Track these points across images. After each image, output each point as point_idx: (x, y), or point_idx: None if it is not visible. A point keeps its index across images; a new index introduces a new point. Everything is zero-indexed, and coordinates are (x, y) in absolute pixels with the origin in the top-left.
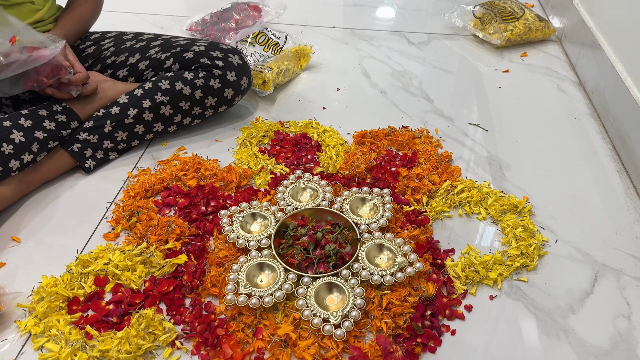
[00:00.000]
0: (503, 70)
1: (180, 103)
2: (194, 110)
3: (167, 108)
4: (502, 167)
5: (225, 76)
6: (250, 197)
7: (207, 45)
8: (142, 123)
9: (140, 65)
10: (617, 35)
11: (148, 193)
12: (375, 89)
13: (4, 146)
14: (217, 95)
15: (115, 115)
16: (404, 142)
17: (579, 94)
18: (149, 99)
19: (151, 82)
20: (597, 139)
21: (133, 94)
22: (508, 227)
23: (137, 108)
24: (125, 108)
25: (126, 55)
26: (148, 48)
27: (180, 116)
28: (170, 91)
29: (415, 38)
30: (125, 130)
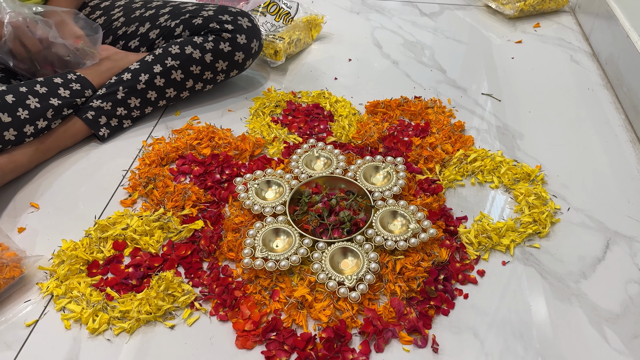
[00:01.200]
0: (516, 41)
1: (191, 67)
2: (205, 75)
3: (178, 73)
4: (515, 136)
5: (235, 39)
6: (264, 166)
7: (215, 9)
8: (154, 89)
9: (151, 34)
10: (632, 5)
11: (163, 161)
12: (387, 59)
13: (20, 111)
14: (228, 58)
15: (127, 81)
16: (417, 112)
17: (592, 64)
18: (160, 64)
19: (161, 48)
20: (611, 109)
21: (144, 60)
22: (521, 195)
23: (148, 73)
24: (137, 74)
25: (136, 25)
26: (157, 16)
27: (191, 81)
28: (180, 55)
29: (427, 8)
30: (138, 97)
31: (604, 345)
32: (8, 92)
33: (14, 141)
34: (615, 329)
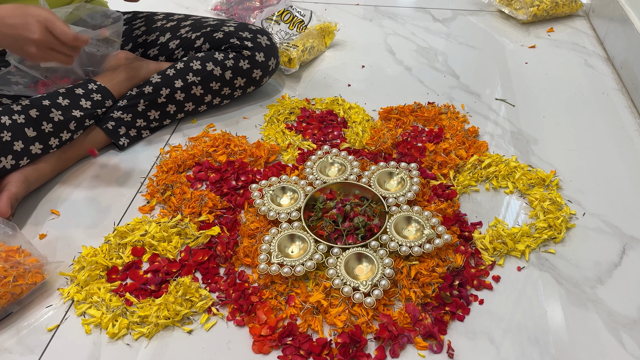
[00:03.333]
0: (529, 46)
1: (211, 83)
2: (223, 91)
3: (198, 88)
4: (529, 142)
5: (254, 57)
6: (279, 172)
7: (236, 25)
8: (174, 102)
9: (171, 44)
10: None
11: (180, 168)
12: (400, 65)
13: (44, 125)
14: (246, 75)
15: (149, 95)
16: (430, 118)
17: (607, 69)
18: (181, 79)
19: (182, 62)
20: (626, 114)
21: (165, 74)
22: (536, 200)
23: (170, 88)
24: (158, 88)
25: (157, 34)
26: (179, 27)
27: (210, 96)
28: (202, 72)
29: (440, 14)
30: (158, 110)
31: (620, 351)
32: (32, 106)
33: (40, 154)
34: (632, 334)
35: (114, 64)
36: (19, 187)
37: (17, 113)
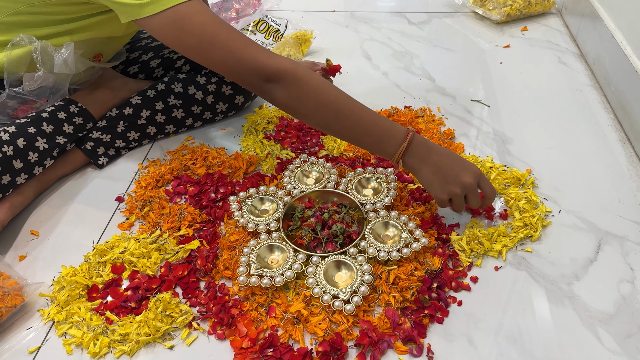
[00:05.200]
0: (504, 46)
1: (192, 107)
2: (204, 115)
3: (179, 111)
4: (505, 141)
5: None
6: (258, 183)
7: None
8: (154, 124)
9: (152, 63)
10: (615, 5)
11: (159, 183)
12: (377, 70)
13: (30, 155)
14: (229, 101)
15: (129, 116)
16: (407, 122)
17: (580, 65)
18: (162, 101)
19: (164, 83)
20: (599, 109)
21: (146, 95)
22: (511, 199)
23: (150, 110)
24: (139, 109)
25: (140, 52)
26: (162, 47)
27: (191, 120)
28: (183, 95)
29: (415, 18)
30: (138, 131)
31: (597, 346)
32: (19, 134)
33: (24, 183)
34: (609, 329)
35: (95, 81)
36: (5, 214)
37: (6, 144)
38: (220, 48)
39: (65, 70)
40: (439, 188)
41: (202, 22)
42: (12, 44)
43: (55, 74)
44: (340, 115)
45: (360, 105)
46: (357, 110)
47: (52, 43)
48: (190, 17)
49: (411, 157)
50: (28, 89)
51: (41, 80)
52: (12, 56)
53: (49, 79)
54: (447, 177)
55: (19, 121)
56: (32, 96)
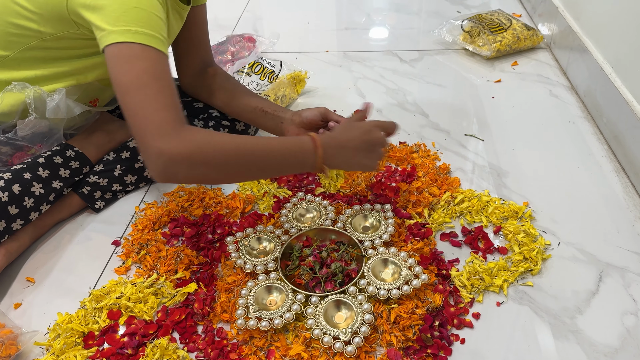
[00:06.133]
0: (495, 81)
1: None
2: None
3: None
4: (501, 175)
5: (234, 126)
6: (255, 222)
7: None
8: None
9: None
10: (602, 38)
11: (156, 225)
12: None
13: (26, 200)
14: None
15: (126, 160)
16: (402, 158)
17: (571, 97)
18: None
19: None
20: (593, 140)
21: None
22: (510, 233)
23: None
24: (136, 152)
25: None
26: None
27: None
28: None
29: (407, 56)
30: (135, 174)
31: None
32: (14, 180)
33: (20, 229)
34: None
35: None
36: (1, 261)
37: (2, 190)
38: (139, 98)
39: (57, 115)
40: (370, 161)
41: (144, 67)
42: (4, 91)
43: (48, 119)
44: (254, 161)
45: (265, 140)
46: (266, 146)
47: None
48: (136, 59)
49: (330, 156)
50: (21, 134)
51: (33, 125)
52: (4, 104)
53: (43, 124)
54: (367, 148)
55: (14, 167)
56: (26, 142)
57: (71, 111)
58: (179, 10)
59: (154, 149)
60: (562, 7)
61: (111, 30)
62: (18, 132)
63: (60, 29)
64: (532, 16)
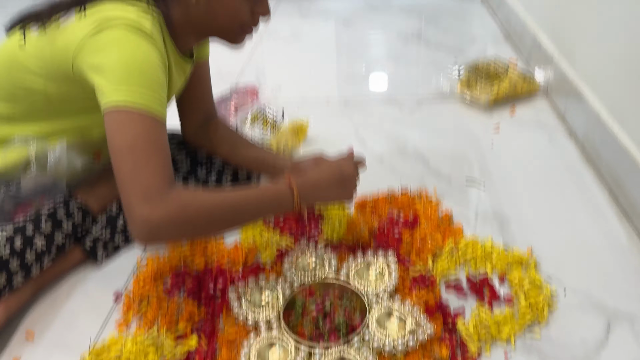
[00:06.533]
0: (494, 127)
1: None
2: None
3: None
4: (503, 221)
5: (236, 175)
6: (258, 274)
7: None
8: None
9: None
10: (598, 85)
11: (157, 278)
12: (372, 155)
13: (27, 254)
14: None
15: None
16: (405, 205)
17: (570, 143)
18: None
19: None
20: (594, 186)
21: None
22: (515, 281)
23: None
24: None
25: None
26: None
27: None
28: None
29: (406, 104)
30: None
31: None
32: (17, 235)
33: (20, 284)
34: None
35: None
36: (1, 318)
37: (3, 246)
38: (129, 161)
39: (59, 168)
40: (345, 194)
41: (137, 132)
42: (8, 147)
43: (51, 172)
44: (235, 214)
45: (243, 191)
46: (245, 197)
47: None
48: (131, 124)
49: (306, 195)
50: (25, 188)
51: (37, 179)
52: (8, 159)
53: (46, 178)
54: (340, 182)
55: (17, 222)
56: (30, 196)
57: (73, 164)
58: (182, 65)
59: (139, 216)
60: (557, 55)
61: (112, 91)
62: (22, 186)
63: (66, 88)
64: (528, 64)
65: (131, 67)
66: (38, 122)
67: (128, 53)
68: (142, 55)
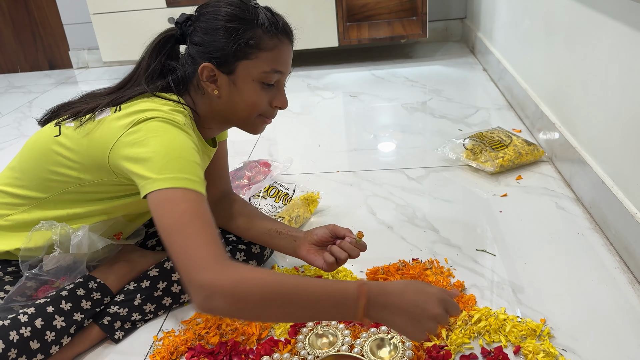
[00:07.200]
0: (501, 195)
1: None
2: None
3: None
4: (515, 290)
5: (250, 250)
6: (272, 349)
7: None
8: (170, 295)
9: None
10: (600, 153)
11: (173, 355)
12: (382, 224)
13: (47, 334)
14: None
15: (146, 289)
16: (416, 275)
17: (578, 209)
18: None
19: None
20: (604, 252)
21: (163, 267)
22: (530, 353)
23: (167, 281)
24: (156, 281)
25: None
26: None
27: None
28: None
29: (413, 173)
30: (154, 303)
31: None
32: (37, 315)
33: None
34: None
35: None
36: None
37: (24, 325)
38: (182, 237)
39: (81, 250)
40: (415, 331)
41: (184, 208)
42: (33, 230)
43: (72, 254)
44: (290, 302)
45: (305, 282)
46: (305, 288)
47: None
48: (178, 202)
49: (374, 310)
50: (46, 268)
51: (58, 259)
52: (32, 241)
53: (67, 258)
54: (416, 316)
55: (38, 302)
56: (51, 276)
57: (94, 245)
58: (207, 152)
59: (197, 282)
60: (559, 123)
61: (156, 179)
62: (44, 266)
63: (99, 177)
64: (531, 131)
65: (171, 154)
66: (68, 208)
67: (166, 142)
68: (179, 142)
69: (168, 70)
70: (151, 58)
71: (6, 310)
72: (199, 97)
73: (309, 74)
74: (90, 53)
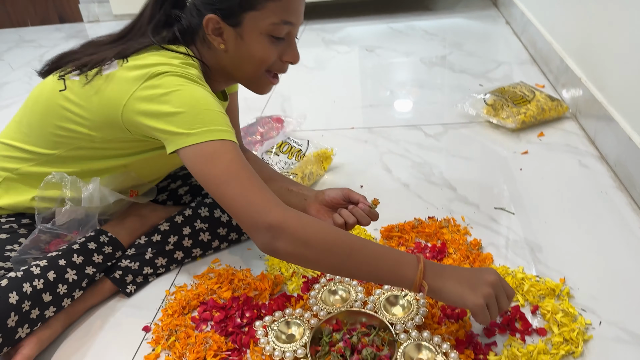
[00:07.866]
0: (522, 152)
1: (219, 229)
2: (230, 236)
3: (205, 234)
4: (534, 249)
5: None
6: (284, 304)
7: None
8: (182, 249)
9: (180, 190)
10: (628, 108)
11: (185, 309)
12: (398, 182)
13: (60, 287)
14: None
15: (157, 243)
16: (432, 233)
17: (602, 167)
18: (189, 226)
19: (190, 208)
20: (628, 211)
21: (174, 221)
22: (548, 312)
23: (178, 235)
24: (166, 236)
25: (169, 181)
26: (190, 175)
27: (217, 242)
28: (209, 218)
29: (431, 130)
30: (165, 257)
31: None
32: (49, 267)
33: (52, 316)
34: None
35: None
36: (32, 349)
37: (37, 278)
38: (236, 186)
39: (92, 203)
40: (472, 294)
41: (229, 159)
42: (45, 182)
43: (84, 207)
44: (351, 254)
45: (367, 241)
46: (366, 245)
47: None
48: (220, 154)
49: (431, 276)
50: (59, 223)
51: (70, 213)
52: (44, 195)
53: (79, 212)
54: (473, 281)
55: (50, 254)
56: (63, 230)
57: (105, 199)
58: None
59: (264, 223)
60: (585, 78)
61: (190, 133)
62: (56, 221)
63: (111, 134)
64: (555, 86)
65: (197, 107)
66: (78, 165)
67: (188, 96)
68: (201, 94)
69: (173, 19)
70: (155, 6)
71: (19, 262)
72: (206, 50)
73: (323, 27)
74: (101, 6)
